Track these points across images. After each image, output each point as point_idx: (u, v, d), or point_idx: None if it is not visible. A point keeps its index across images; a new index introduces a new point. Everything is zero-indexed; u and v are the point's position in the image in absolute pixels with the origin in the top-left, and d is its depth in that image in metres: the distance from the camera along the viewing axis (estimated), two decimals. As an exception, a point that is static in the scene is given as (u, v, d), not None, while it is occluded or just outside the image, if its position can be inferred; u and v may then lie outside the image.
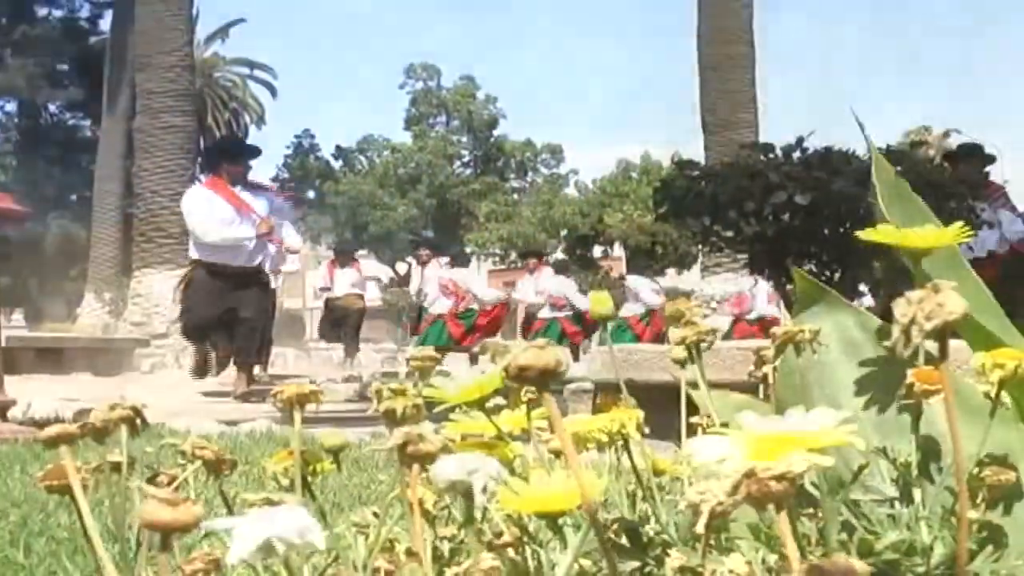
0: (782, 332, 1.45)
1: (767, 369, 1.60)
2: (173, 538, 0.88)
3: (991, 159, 11.86)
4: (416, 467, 1.05)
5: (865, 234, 1.41)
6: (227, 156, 12.14)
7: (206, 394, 12.27)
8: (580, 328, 19.21)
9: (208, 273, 11.63)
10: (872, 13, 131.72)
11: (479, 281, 19.88)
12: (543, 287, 19.36)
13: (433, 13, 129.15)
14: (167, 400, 9.31)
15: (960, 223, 1.45)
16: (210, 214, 11.50)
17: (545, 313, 19.78)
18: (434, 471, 1.01)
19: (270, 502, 1.22)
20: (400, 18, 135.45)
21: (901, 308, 0.91)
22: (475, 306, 18.49)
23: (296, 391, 1.41)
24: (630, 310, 19.81)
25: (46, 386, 11.59)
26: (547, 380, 0.82)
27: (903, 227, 1.47)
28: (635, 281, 20.64)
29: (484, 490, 1.00)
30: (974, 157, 11.70)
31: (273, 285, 12.46)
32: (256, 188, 12.67)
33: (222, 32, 60.75)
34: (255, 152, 12.78)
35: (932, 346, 1.00)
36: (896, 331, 0.91)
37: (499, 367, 0.82)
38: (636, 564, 1.38)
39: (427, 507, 1.35)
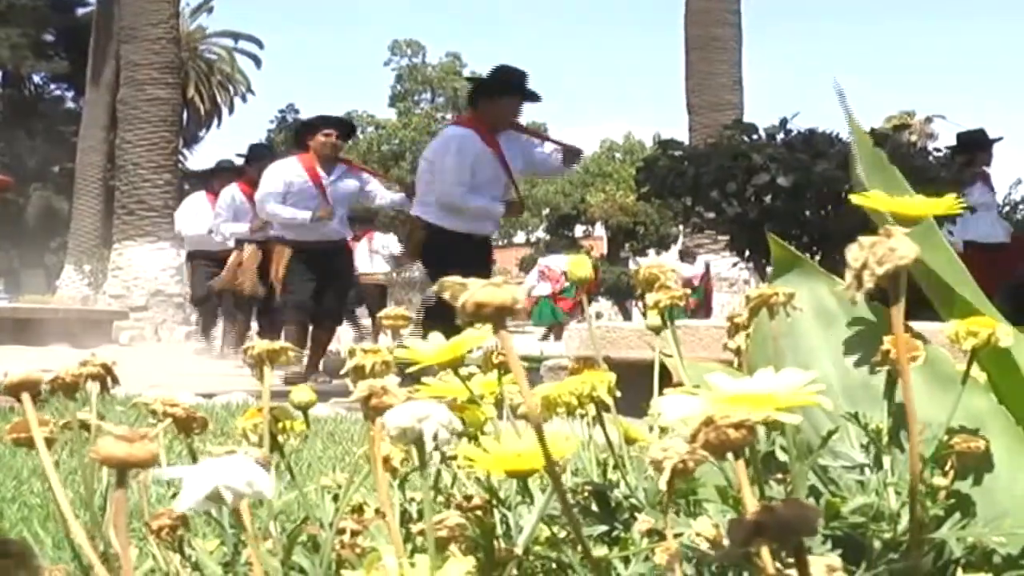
0: (756, 295, 1.44)
1: (740, 337, 1.59)
2: (129, 475, 0.87)
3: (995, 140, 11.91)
4: (380, 420, 1.04)
5: (857, 199, 1.39)
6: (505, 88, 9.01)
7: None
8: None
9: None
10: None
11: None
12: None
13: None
14: (144, 373, 9.28)
15: (951, 196, 1.43)
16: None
17: None
18: (385, 419, 1.00)
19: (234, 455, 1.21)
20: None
21: (853, 252, 0.91)
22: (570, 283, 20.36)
23: (266, 347, 1.40)
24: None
25: (23, 357, 11.54)
26: (503, 317, 0.82)
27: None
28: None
29: (435, 437, 0.99)
30: (985, 144, 11.74)
31: None
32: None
33: (205, 5, 60.39)
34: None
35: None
36: (848, 275, 0.91)
37: (456, 304, 0.81)
38: (604, 528, 1.38)
39: (394, 464, 1.34)
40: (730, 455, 0.84)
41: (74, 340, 16.32)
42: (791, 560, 0.75)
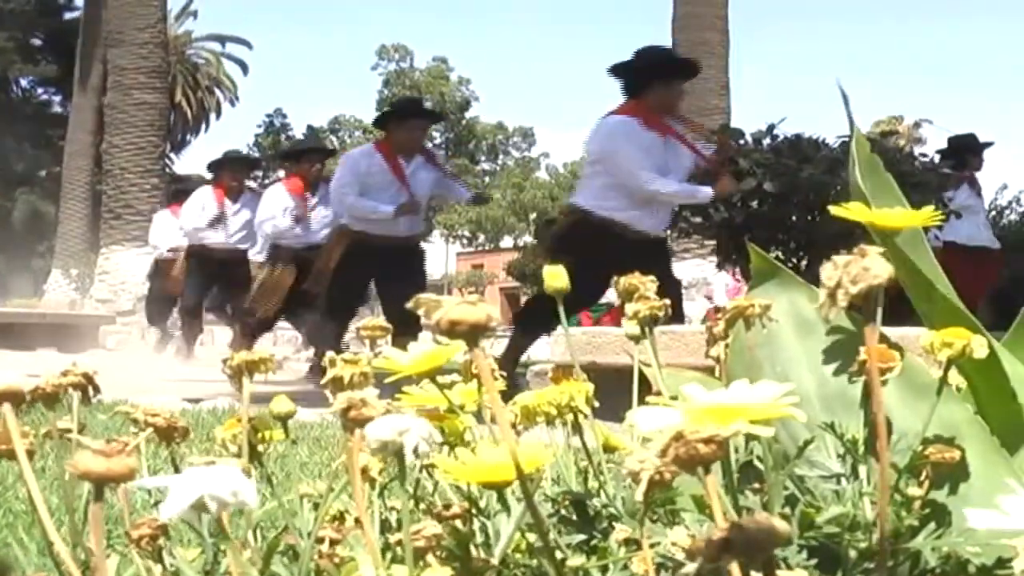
0: (732, 306, 1.45)
1: (720, 346, 1.60)
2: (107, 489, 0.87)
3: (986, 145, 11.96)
4: (359, 432, 1.05)
5: (836, 210, 1.40)
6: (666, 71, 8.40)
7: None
8: None
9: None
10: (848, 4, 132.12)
11: None
12: None
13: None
14: (131, 377, 9.27)
15: (930, 207, 1.45)
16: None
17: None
18: (365, 432, 1.00)
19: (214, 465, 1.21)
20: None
21: (827, 271, 0.92)
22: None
23: (245, 358, 1.41)
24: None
25: (10, 362, 11.52)
26: (478, 335, 0.82)
27: (874, 201, 1.48)
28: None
29: (415, 450, 0.99)
30: (975, 149, 11.78)
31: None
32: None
33: (187, 9, 60.13)
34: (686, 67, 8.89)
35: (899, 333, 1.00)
36: (822, 294, 0.91)
37: (431, 321, 0.82)
38: (583, 537, 1.38)
39: (373, 475, 1.35)
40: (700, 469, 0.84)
41: (61, 344, 16.30)
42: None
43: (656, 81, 8.19)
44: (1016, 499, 1.13)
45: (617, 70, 8.37)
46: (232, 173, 13.03)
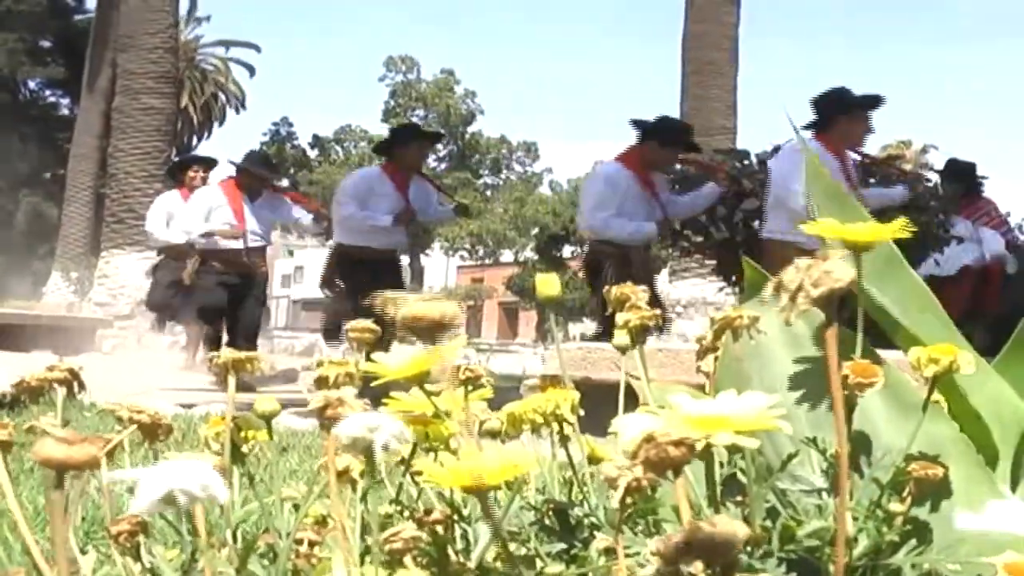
0: (720, 317, 1.44)
1: (710, 359, 1.59)
2: (67, 476, 0.87)
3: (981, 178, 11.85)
4: (335, 431, 1.04)
5: (807, 227, 1.41)
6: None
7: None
8: None
9: None
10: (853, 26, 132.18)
11: None
12: None
13: (414, 5, 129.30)
14: (126, 381, 9.25)
15: (901, 220, 1.44)
16: None
17: None
18: (337, 429, 1.00)
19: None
20: (381, 9, 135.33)
21: (789, 275, 0.91)
22: None
23: (231, 357, 1.40)
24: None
25: (3, 363, 11.49)
26: (438, 331, 0.82)
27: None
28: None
29: (385, 448, 0.99)
30: (964, 177, 11.69)
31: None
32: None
33: (193, 15, 59.95)
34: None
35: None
36: (783, 297, 0.91)
37: (395, 317, 0.81)
38: (563, 545, 1.38)
39: (354, 476, 1.34)
40: (671, 473, 0.84)
41: (57, 347, 16.24)
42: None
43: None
44: (1003, 504, 1.12)
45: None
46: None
